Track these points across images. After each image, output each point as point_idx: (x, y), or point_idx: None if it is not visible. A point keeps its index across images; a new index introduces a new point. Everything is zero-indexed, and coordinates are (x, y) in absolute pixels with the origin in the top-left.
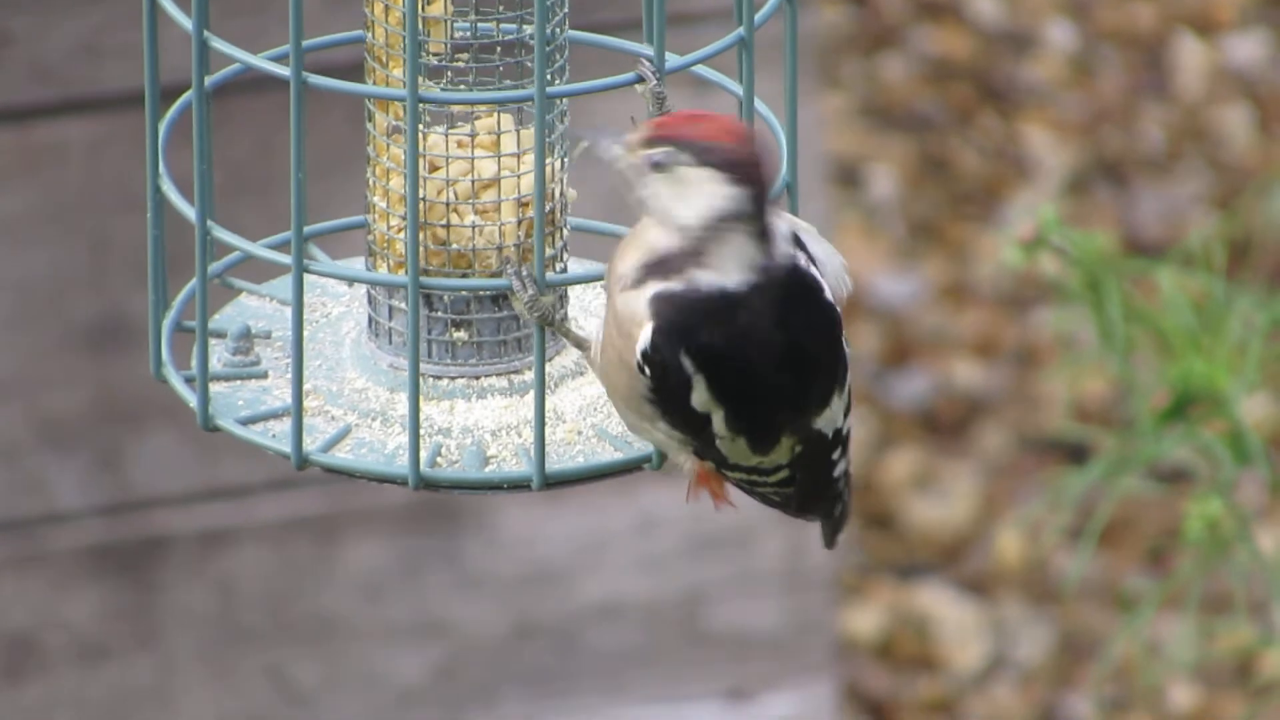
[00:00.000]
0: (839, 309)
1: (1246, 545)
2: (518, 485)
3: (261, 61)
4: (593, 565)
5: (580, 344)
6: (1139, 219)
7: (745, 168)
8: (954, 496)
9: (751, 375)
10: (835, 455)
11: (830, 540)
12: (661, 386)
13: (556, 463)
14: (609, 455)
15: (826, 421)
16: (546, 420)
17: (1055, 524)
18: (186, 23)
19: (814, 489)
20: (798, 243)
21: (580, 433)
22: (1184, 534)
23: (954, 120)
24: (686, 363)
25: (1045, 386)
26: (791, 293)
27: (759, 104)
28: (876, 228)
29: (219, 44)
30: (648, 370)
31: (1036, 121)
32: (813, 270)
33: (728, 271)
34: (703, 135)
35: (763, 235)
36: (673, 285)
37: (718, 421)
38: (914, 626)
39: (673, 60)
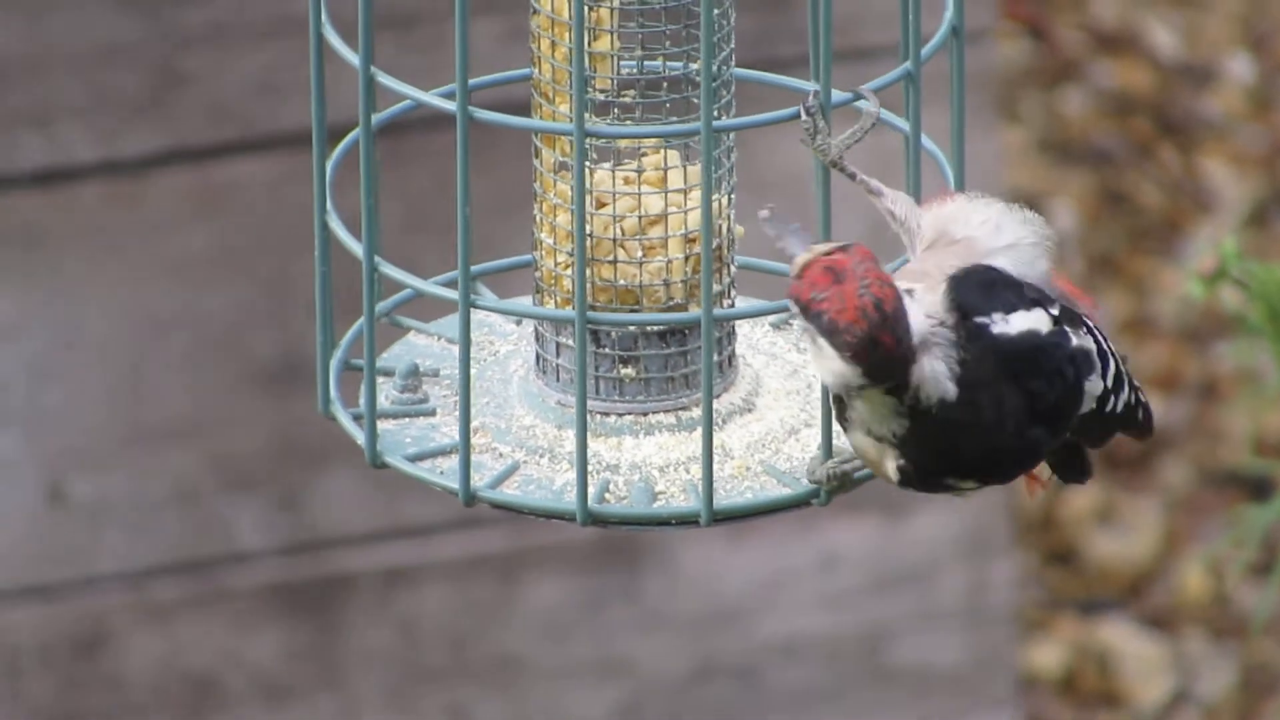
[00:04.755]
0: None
1: None
2: (686, 521)
3: (427, 96)
4: (774, 602)
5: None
6: None
7: (857, 347)
8: (1136, 531)
9: (999, 460)
10: (1106, 407)
11: (1083, 472)
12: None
13: (724, 498)
14: (777, 491)
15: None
16: (714, 456)
17: (1239, 558)
18: (353, 59)
19: (1075, 456)
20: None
21: (748, 469)
22: None
23: (1133, 154)
24: (948, 479)
25: (1227, 420)
26: (1006, 372)
27: (925, 140)
28: (1057, 262)
29: (385, 80)
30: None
31: (1216, 154)
32: (1004, 330)
33: (876, 423)
34: (823, 306)
35: (897, 390)
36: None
37: (968, 485)
38: (1096, 661)
39: (838, 96)
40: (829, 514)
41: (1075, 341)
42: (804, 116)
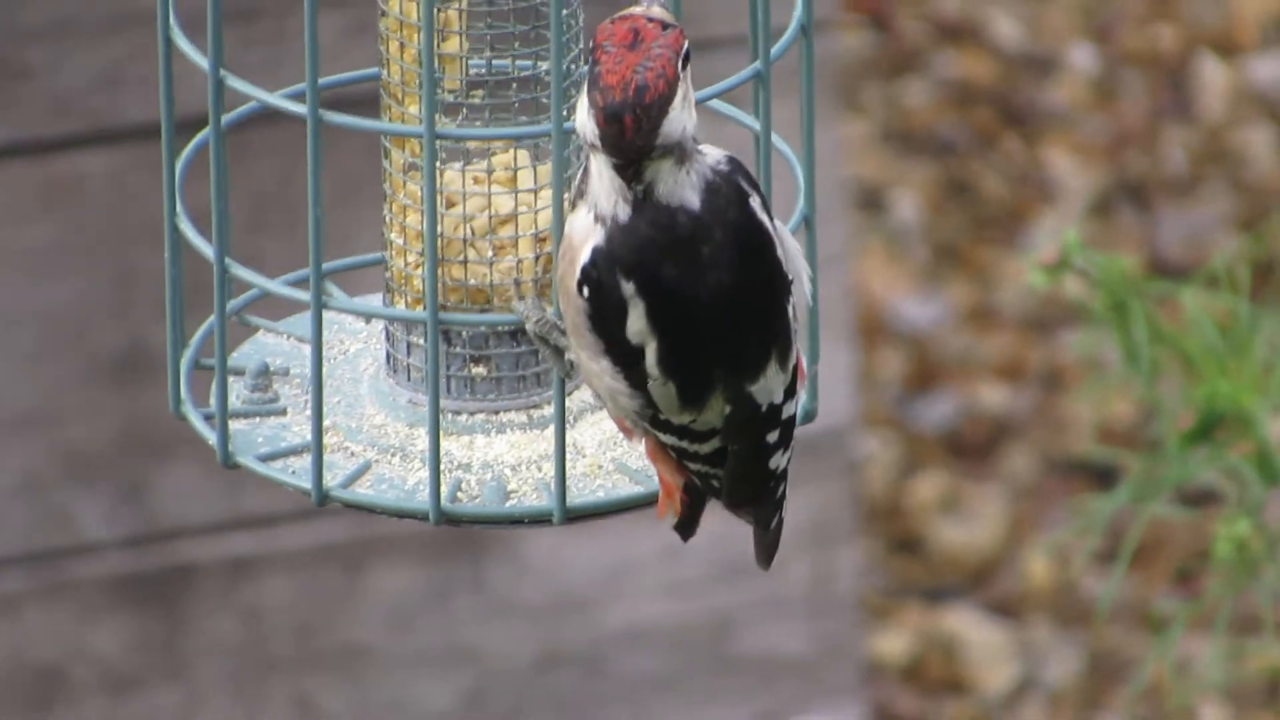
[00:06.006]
0: (790, 281)
1: (1275, 565)
2: (539, 520)
3: (278, 100)
4: (619, 591)
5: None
6: (1163, 241)
7: (606, 111)
8: (981, 519)
9: (689, 306)
10: (771, 437)
11: (765, 559)
12: (599, 310)
13: (577, 496)
14: (630, 489)
15: (762, 391)
16: (567, 454)
17: (1084, 546)
18: (202, 62)
19: (747, 471)
20: (765, 209)
21: (601, 466)
22: (1213, 555)
23: (976, 144)
24: (625, 284)
25: (1071, 409)
26: (741, 236)
27: (779, 141)
28: (900, 252)
29: (235, 82)
30: (586, 290)
31: (1059, 144)
32: (768, 224)
33: (607, 194)
34: (600, 56)
35: (625, 172)
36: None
37: (650, 357)
38: (942, 649)
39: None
40: None
41: (792, 312)
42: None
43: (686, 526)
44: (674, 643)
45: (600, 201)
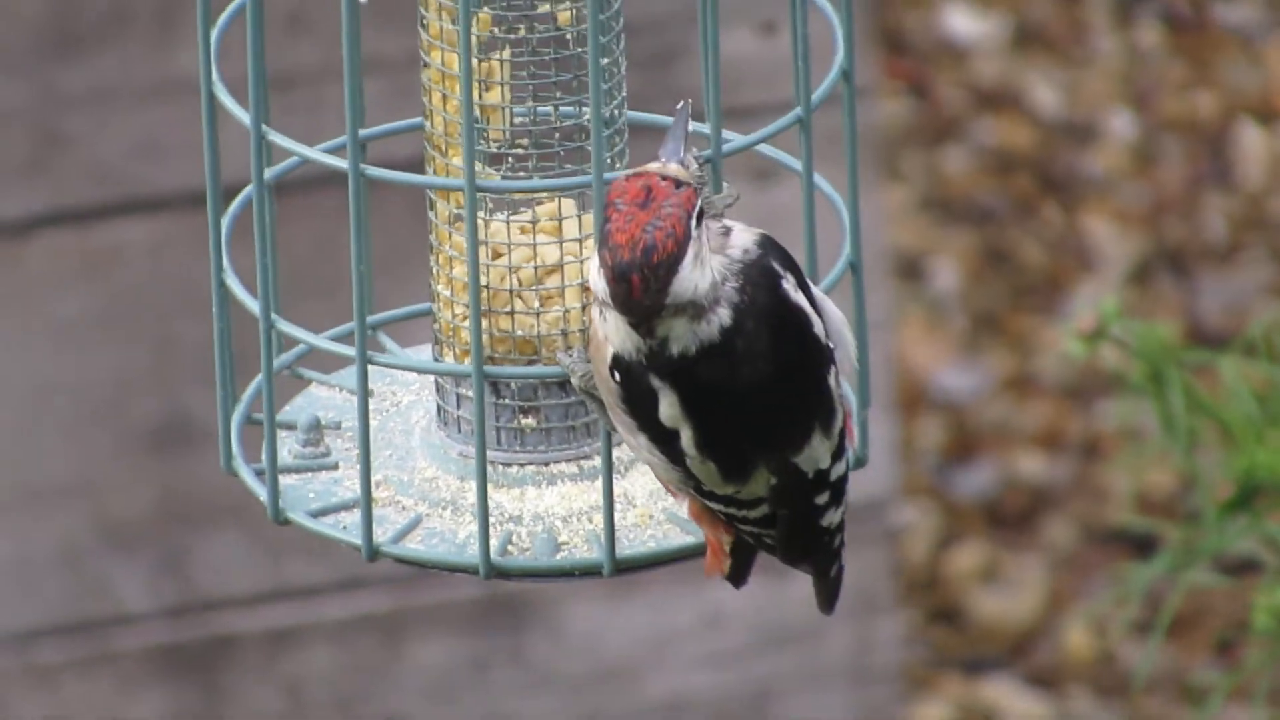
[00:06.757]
0: (831, 350)
1: None
2: (589, 571)
3: (320, 154)
4: (659, 661)
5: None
6: (1201, 309)
7: (612, 271)
8: (1020, 589)
9: (723, 396)
10: (821, 499)
11: (826, 605)
12: (630, 394)
13: (628, 548)
14: (680, 539)
15: (807, 460)
16: (616, 505)
17: (1123, 616)
18: (244, 116)
19: (800, 533)
20: (803, 289)
21: (651, 517)
22: (1252, 625)
23: (1015, 212)
24: (655, 380)
25: (1110, 478)
26: (774, 322)
27: (824, 183)
28: (939, 320)
29: (278, 138)
30: (617, 374)
31: (1098, 212)
32: (803, 303)
33: (616, 342)
34: (610, 214)
35: (638, 328)
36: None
37: (686, 439)
38: None
39: (731, 141)
40: None
41: (834, 381)
42: (695, 167)
43: (738, 577)
44: (715, 713)
45: (615, 341)
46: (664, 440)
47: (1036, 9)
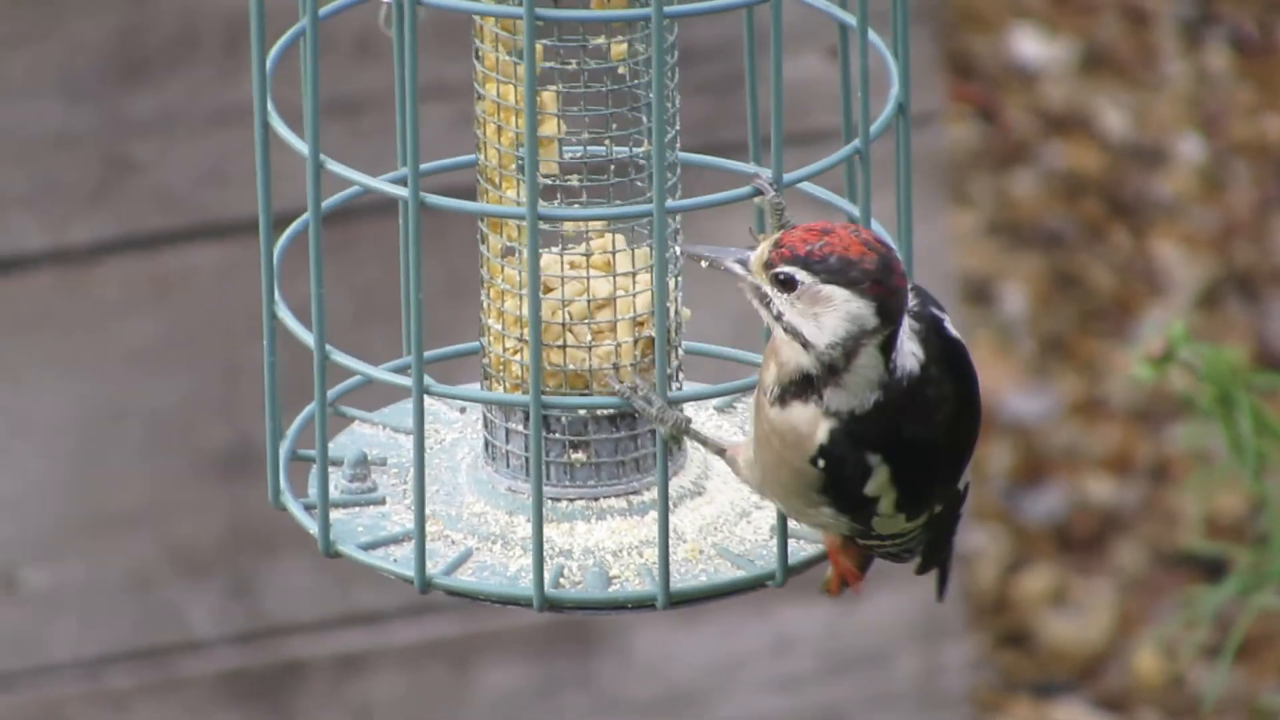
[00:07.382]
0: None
1: None
2: (642, 605)
3: (377, 182)
4: (728, 686)
5: (720, 450)
6: (1270, 332)
7: (872, 279)
8: (1089, 613)
9: (925, 451)
10: (964, 508)
11: (941, 592)
12: (835, 479)
13: (680, 581)
14: (731, 574)
15: (963, 480)
16: (668, 539)
17: (1192, 639)
18: (301, 146)
19: (944, 545)
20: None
21: (702, 551)
22: None
23: (1084, 236)
24: (871, 456)
25: (1179, 501)
26: (952, 365)
27: (875, 224)
28: (1008, 344)
29: (335, 167)
30: (822, 462)
31: (1167, 236)
32: (958, 335)
33: (858, 392)
34: (827, 251)
35: (890, 343)
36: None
37: (885, 503)
38: None
39: (788, 174)
40: (782, 596)
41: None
42: (757, 197)
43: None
44: None
45: (842, 402)
46: (859, 509)
47: (1105, 32)
